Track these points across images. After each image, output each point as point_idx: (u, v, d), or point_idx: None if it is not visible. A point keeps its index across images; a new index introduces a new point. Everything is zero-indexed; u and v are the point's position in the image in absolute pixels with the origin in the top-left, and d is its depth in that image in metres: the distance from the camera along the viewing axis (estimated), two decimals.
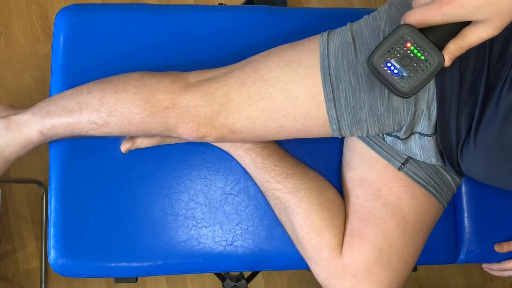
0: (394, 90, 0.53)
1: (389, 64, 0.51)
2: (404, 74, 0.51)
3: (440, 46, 0.51)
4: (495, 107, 0.62)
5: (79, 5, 0.88)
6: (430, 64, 0.51)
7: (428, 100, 0.67)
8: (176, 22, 0.87)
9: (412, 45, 0.50)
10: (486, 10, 0.44)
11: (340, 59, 0.67)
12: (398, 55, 0.51)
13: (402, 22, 0.51)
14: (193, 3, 1.44)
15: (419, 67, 0.51)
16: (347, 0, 1.49)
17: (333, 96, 0.69)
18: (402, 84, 0.52)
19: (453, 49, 0.51)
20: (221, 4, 1.30)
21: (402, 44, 0.50)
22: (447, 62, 0.52)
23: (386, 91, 0.67)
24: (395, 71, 0.51)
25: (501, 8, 0.44)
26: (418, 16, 0.49)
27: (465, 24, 0.49)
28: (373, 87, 0.68)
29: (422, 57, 0.50)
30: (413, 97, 0.67)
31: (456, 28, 0.49)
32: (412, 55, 0.50)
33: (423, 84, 0.52)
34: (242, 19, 0.88)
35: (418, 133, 0.71)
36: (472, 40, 0.49)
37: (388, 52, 0.51)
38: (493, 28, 0.46)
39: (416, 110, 0.68)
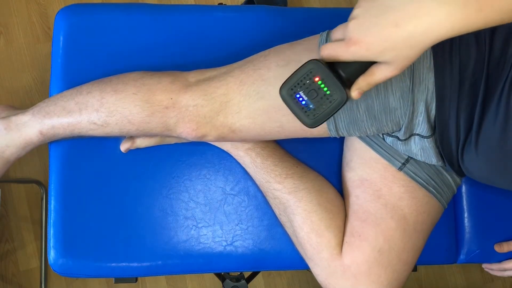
0: (300, 120, 0.56)
1: (298, 96, 0.54)
2: (311, 106, 0.54)
3: (351, 80, 0.54)
4: (496, 110, 0.62)
5: (79, 5, 0.88)
6: (334, 99, 0.53)
7: (426, 101, 0.67)
8: (176, 22, 0.87)
9: (320, 79, 0.53)
10: (388, 54, 0.49)
11: None
12: (307, 88, 0.53)
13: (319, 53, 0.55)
14: (193, 3, 1.44)
15: (325, 101, 0.54)
16: (347, 0, 1.49)
17: None
18: (308, 115, 0.55)
19: (362, 85, 0.54)
20: (221, 4, 1.30)
21: (311, 79, 0.53)
22: (356, 96, 0.55)
23: (382, 91, 0.68)
24: (303, 102, 0.54)
25: (401, 53, 0.49)
26: (329, 51, 0.52)
27: (374, 62, 0.52)
28: None
29: (328, 92, 0.53)
30: (410, 97, 0.67)
31: (366, 65, 0.53)
32: (319, 89, 0.53)
33: (327, 117, 0.55)
34: (242, 19, 0.88)
35: (418, 134, 0.71)
36: (378, 78, 0.53)
37: (298, 84, 0.54)
38: (396, 69, 0.51)
39: (414, 110, 0.68)
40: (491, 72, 0.64)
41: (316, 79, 0.53)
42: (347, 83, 0.54)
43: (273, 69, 0.70)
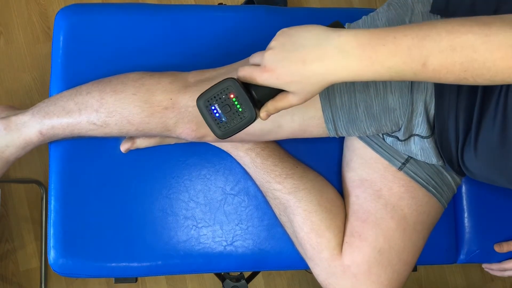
0: (212, 131, 0.60)
1: (213, 108, 0.59)
2: (223, 119, 0.59)
3: (262, 102, 0.59)
4: (494, 110, 0.62)
5: (79, 5, 0.88)
6: (245, 117, 0.59)
7: (425, 101, 0.67)
8: (176, 22, 0.87)
9: (234, 96, 0.58)
10: (294, 86, 0.55)
11: None
12: (222, 102, 0.58)
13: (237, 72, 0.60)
14: (193, 3, 1.44)
15: (236, 116, 0.59)
16: (347, 0, 1.49)
17: (328, 95, 0.69)
18: (219, 127, 0.59)
19: (270, 108, 0.59)
20: (221, 4, 1.30)
21: (226, 94, 0.58)
22: (264, 117, 0.60)
23: (382, 90, 0.68)
24: (217, 114, 0.59)
25: (305, 87, 0.55)
26: (246, 73, 0.58)
27: (283, 89, 0.58)
28: (368, 87, 0.68)
29: (240, 109, 0.58)
30: (409, 97, 0.67)
31: (275, 91, 0.58)
32: (232, 105, 0.58)
33: (236, 131, 0.60)
34: (242, 19, 0.88)
35: (418, 135, 0.71)
36: (284, 104, 0.58)
37: (214, 97, 0.58)
38: (300, 99, 0.57)
39: (413, 110, 0.68)
40: None
41: (231, 96, 0.58)
42: (258, 104, 0.59)
43: None
